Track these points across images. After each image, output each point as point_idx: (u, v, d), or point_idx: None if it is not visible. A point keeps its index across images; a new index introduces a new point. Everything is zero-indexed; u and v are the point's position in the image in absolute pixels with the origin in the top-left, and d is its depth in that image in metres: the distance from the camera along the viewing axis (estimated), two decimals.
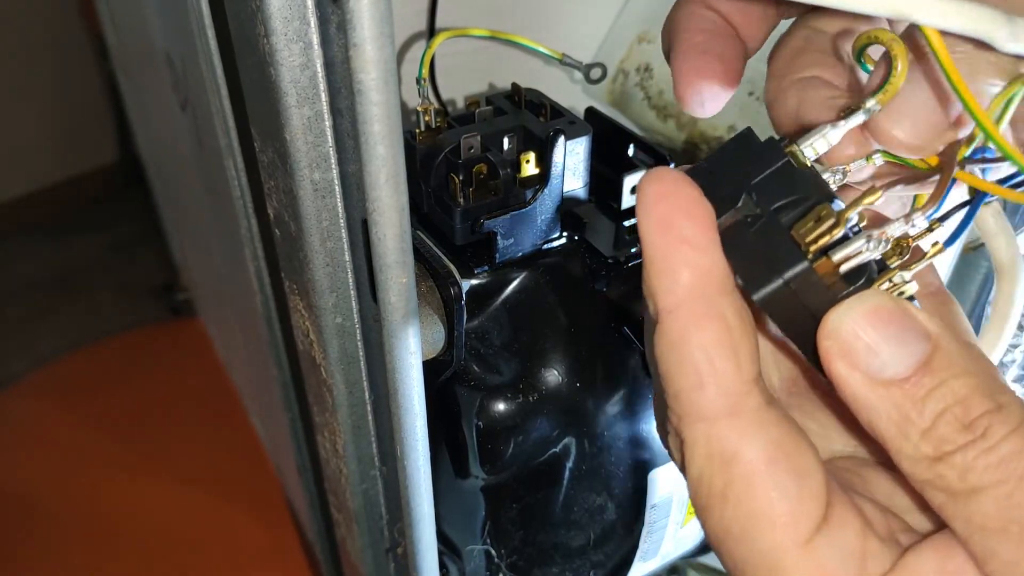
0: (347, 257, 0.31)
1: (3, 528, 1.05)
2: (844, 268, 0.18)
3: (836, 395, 0.19)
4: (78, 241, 1.71)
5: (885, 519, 0.19)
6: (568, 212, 0.37)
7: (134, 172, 1.54)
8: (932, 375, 0.17)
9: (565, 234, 0.38)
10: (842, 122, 0.20)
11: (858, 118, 0.20)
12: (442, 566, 0.41)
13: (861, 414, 0.18)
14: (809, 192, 0.19)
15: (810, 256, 0.18)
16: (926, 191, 0.21)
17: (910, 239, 0.20)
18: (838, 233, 0.18)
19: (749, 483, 0.17)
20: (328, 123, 0.27)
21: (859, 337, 0.17)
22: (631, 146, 0.40)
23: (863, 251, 0.18)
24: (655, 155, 0.39)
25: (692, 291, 0.17)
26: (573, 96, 0.55)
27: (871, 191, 0.19)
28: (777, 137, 0.20)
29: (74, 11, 1.60)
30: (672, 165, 0.38)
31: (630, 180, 0.38)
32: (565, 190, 0.37)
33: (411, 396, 0.29)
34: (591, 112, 0.42)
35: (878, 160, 0.21)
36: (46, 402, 1.24)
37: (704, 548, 0.49)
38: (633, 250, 0.38)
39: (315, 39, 0.25)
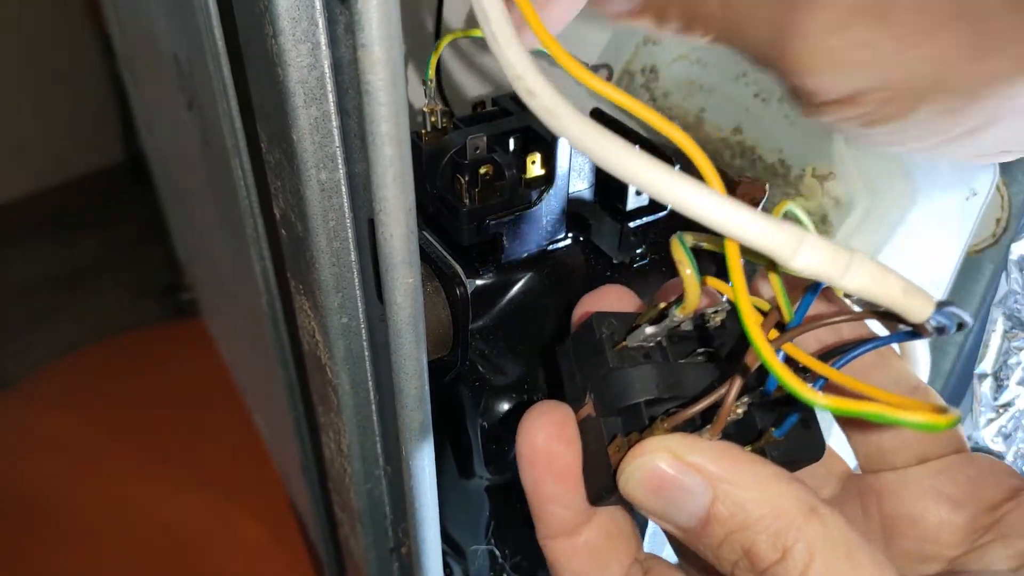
0: (353, 257, 0.31)
1: (4, 528, 1.06)
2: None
3: None
4: (82, 241, 1.71)
5: None
6: (574, 213, 0.37)
7: (139, 172, 1.54)
8: (717, 525, 0.17)
9: (570, 235, 0.38)
10: (651, 327, 0.21)
11: (663, 326, 0.21)
12: (446, 566, 0.41)
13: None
14: (624, 401, 0.20)
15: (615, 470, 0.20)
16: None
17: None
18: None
19: None
20: (335, 123, 0.27)
21: (641, 502, 0.19)
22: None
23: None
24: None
25: (563, 533, 0.21)
26: (578, 97, 0.55)
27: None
28: (599, 334, 0.21)
29: (80, 11, 1.60)
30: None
31: None
32: (571, 191, 0.37)
33: (416, 396, 0.29)
34: (597, 113, 0.42)
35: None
36: (49, 401, 1.25)
37: None
38: (639, 251, 0.38)
39: (323, 40, 0.25)
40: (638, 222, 0.39)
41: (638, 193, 0.39)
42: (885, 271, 0.17)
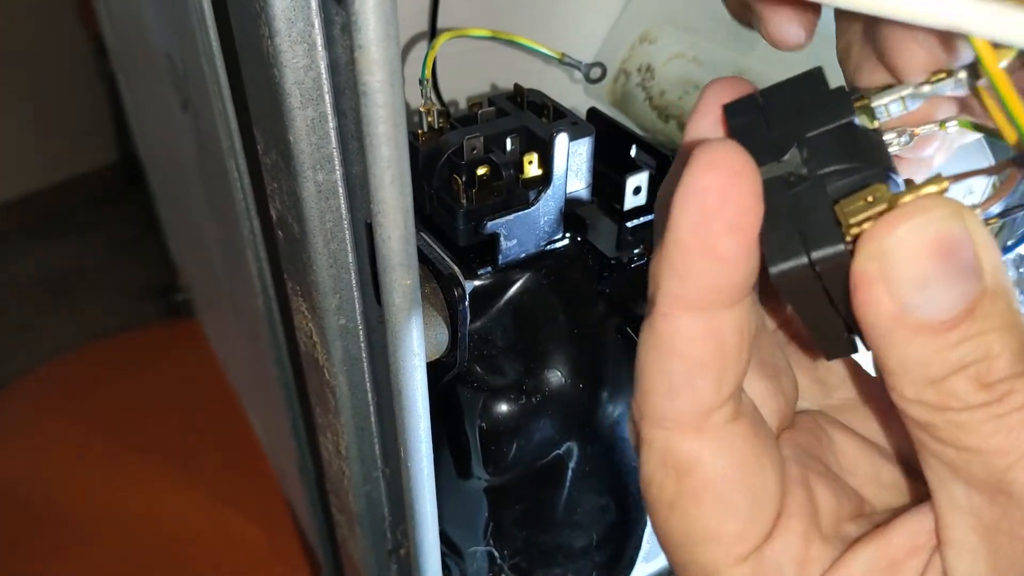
0: (351, 259, 0.31)
1: (3, 528, 1.05)
2: None
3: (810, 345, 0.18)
4: (77, 242, 1.70)
5: (837, 504, 0.18)
6: (571, 213, 0.37)
7: (133, 173, 1.54)
8: (972, 323, 0.15)
9: (568, 235, 0.38)
10: (927, 86, 0.17)
11: (947, 87, 0.17)
12: (444, 567, 0.41)
13: (874, 343, 0.16)
14: (870, 162, 0.16)
15: (848, 240, 0.15)
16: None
17: None
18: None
19: (698, 499, 0.17)
20: (332, 125, 0.27)
21: (912, 266, 0.15)
22: (633, 147, 0.40)
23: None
24: (657, 156, 0.39)
25: (698, 302, 0.16)
26: (574, 96, 0.55)
27: (936, 179, 0.16)
28: (848, 89, 0.18)
29: (72, 12, 1.60)
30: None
31: (632, 181, 0.38)
32: (568, 191, 0.37)
33: (415, 398, 0.29)
34: (593, 113, 0.42)
35: (952, 129, 0.18)
36: (45, 402, 1.24)
37: None
38: (636, 251, 0.38)
39: (319, 40, 0.25)
40: (635, 222, 0.39)
41: (635, 193, 0.39)
42: None
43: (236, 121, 0.39)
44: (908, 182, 0.16)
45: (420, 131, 0.38)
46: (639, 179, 0.39)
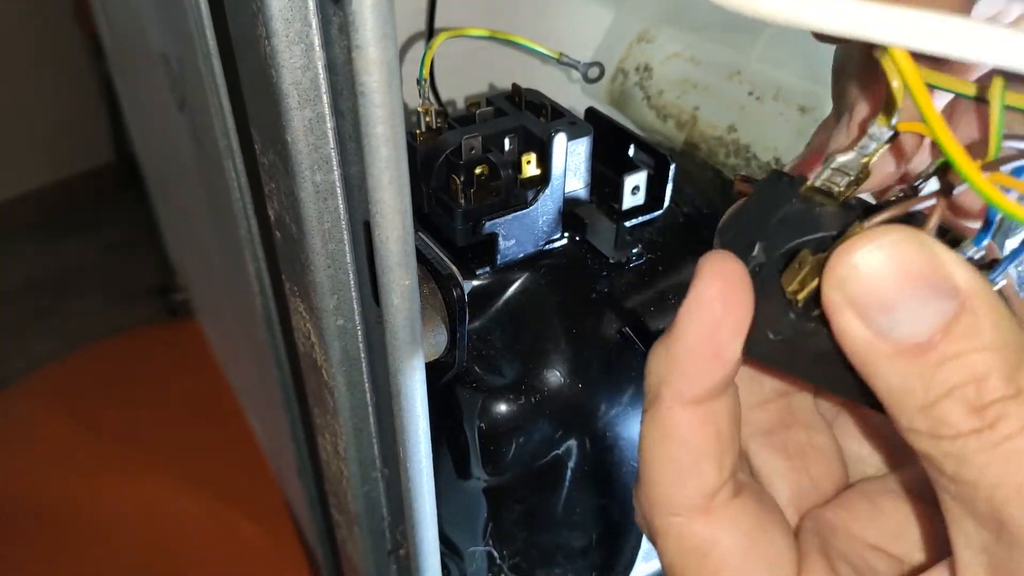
0: (349, 259, 0.31)
1: (3, 528, 1.05)
2: None
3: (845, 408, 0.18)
4: (74, 242, 1.70)
5: (862, 569, 0.19)
6: (569, 213, 0.37)
7: (130, 173, 1.54)
8: (951, 343, 0.14)
9: (566, 235, 0.38)
10: (851, 151, 0.18)
11: (868, 144, 0.18)
12: (444, 567, 0.41)
13: (859, 369, 0.16)
14: (810, 233, 0.18)
15: (797, 304, 0.17)
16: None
17: None
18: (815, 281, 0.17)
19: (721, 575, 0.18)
20: (330, 125, 0.27)
21: (874, 290, 0.15)
22: (631, 146, 0.40)
23: None
24: (655, 155, 0.39)
25: (697, 398, 0.17)
26: (572, 96, 0.55)
27: (892, 206, 0.17)
28: (792, 175, 0.19)
29: (68, 12, 1.59)
30: (673, 167, 0.38)
31: (631, 180, 0.38)
32: (566, 191, 0.37)
33: (413, 398, 0.29)
34: (591, 112, 0.42)
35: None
36: (43, 404, 1.24)
37: None
38: (635, 251, 0.38)
39: (317, 41, 0.25)
40: (634, 221, 0.39)
41: (633, 193, 0.39)
42: None
43: (233, 121, 0.39)
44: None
45: (418, 131, 0.38)
46: (637, 178, 0.38)
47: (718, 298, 0.17)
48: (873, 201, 0.19)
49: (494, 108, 0.40)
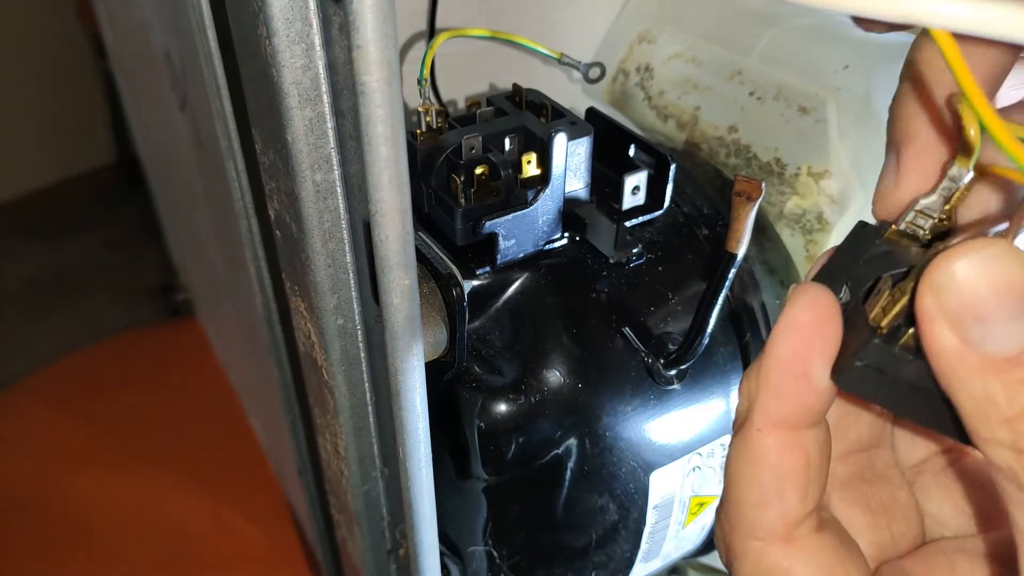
0: (349, 259, 0.31)
1: (3, 528, 1.05)
2: None
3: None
4: (76, 242, 1.70)
5: None
6: (569, 213, 0.37)
7: (132, 172, 1.54)
8: None
9: (566, 235, 0.38)
10: (933, 194, 0.19)
11: (951, 186, 0.18)
12: (443, 567, 0.41)
13: (943, 379, 0.16)
14: (888, 270, 0.19)
15: (882, 331, 0.17)
16: None
17: None
18: (904, 301, 0.17)
19: None
20: (330, 124, 0.27)
21: (970, 300, 0.15)
22: (632, 146, 0.40)
23: None
24: (656, 155, 0.39)
25: (789, 421, 0.18)
26: (573, 96, 0.55)
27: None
28: (876, 223, 0.20)
29: (71, 11, 1.60)
30: (673, 167, 0.38)
31: (631, 180, 0.38)
32: (567, 191, 0.37)
33: (413, 398, 0.29)
34: (592, 112, 0.42)
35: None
36: (44, 403, 1.24)
37: (705, 548, 0.49)
38: (635, 251, 0.38)
39: (317, 40, 0.25)
40: (634, 221, 0.39)
41: (634, 193, 0.39)
42: None
43: (234, 120, 0.39)
44: None
45: (418, 131, 0.38)
46: (638, 179, 0.38)
47: (808, 322, 0.17)
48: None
49: (494, 108, 0.40)
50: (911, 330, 0.17)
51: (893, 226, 0.19)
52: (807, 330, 0.17)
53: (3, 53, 1.59)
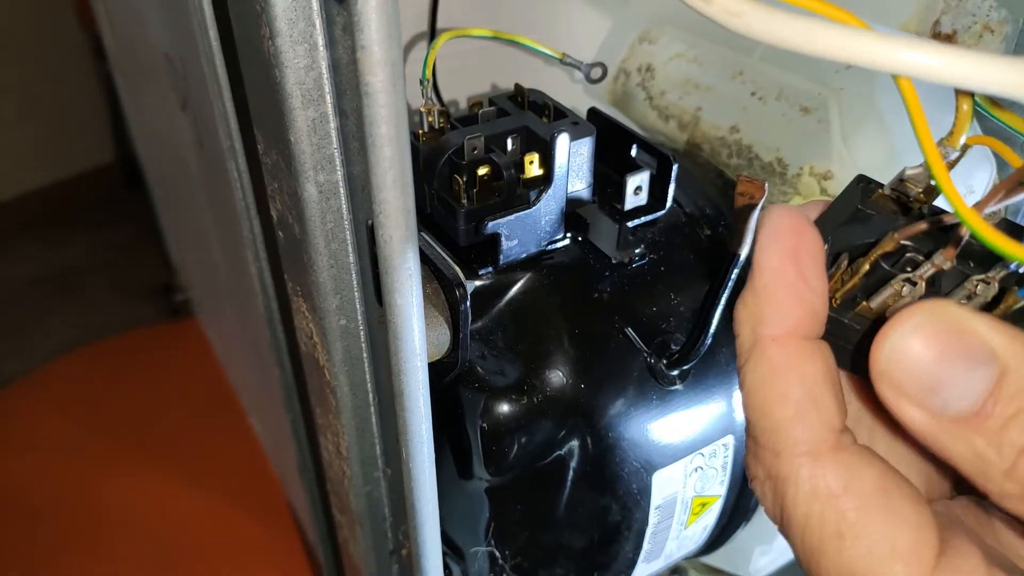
0: (352, 259, 0.31)
1: (3, 528, 1.05)
2: (897, 306, 0.18)
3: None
4: (76, 242, 1.70)
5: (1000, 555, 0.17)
6: (572, 213, 0.37)
7: (131, 172, 1.54)
8: (1004, 405, 0.15)
9: (569, 235, 0.38)
10: (920, 167, 0.19)
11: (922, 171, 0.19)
12: (445, 568, 0.41)
13: (935, 451, 0.16)
14: (869, 236, 0.19)
15: (834, 304, 0.18)
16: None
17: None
18: (854, 281, 0.18)
19: (867, 516, 0.16)
20: (333, 125, 0.27)
21: (918, 374, 0.15)
22: (634, 147, 0.40)
23: (902, 295, 0.18)
24: (658, 155, 0.39)
25: (800, 326, 0.17)
26: (575, 96, 0.55)
27: (910, 226, 0.18)
28: (862, 183, 0.20)
29: (70, 11, 1.59)
30: (675, 167, 0.38)
31: (633, 180, 0.38)
32: (569, 191, 0.37)
33: (416, 398, 0.29)
34: (594, 112, 0.42)
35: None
36: (44, 403, 1.24)
37: (708, 548, 0.49)
38: (637, 251, 0.38)
39: (320, 41, 0.25)
40: (636, 222, 0.39)
41: (636, 193, 0.39)
42: None
43: (236, 121, 0.39)
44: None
45: (421, 131, 0.38)
46: (640, 179, 0.38)
47: (788, 229, 0.17)
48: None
49: (496, 108, 0.40)
50: (864, 302, 0.18)
51: (880, 190, 0.20)
52: (790, 237, 0.17)
53: (2, 53, 1.59)
